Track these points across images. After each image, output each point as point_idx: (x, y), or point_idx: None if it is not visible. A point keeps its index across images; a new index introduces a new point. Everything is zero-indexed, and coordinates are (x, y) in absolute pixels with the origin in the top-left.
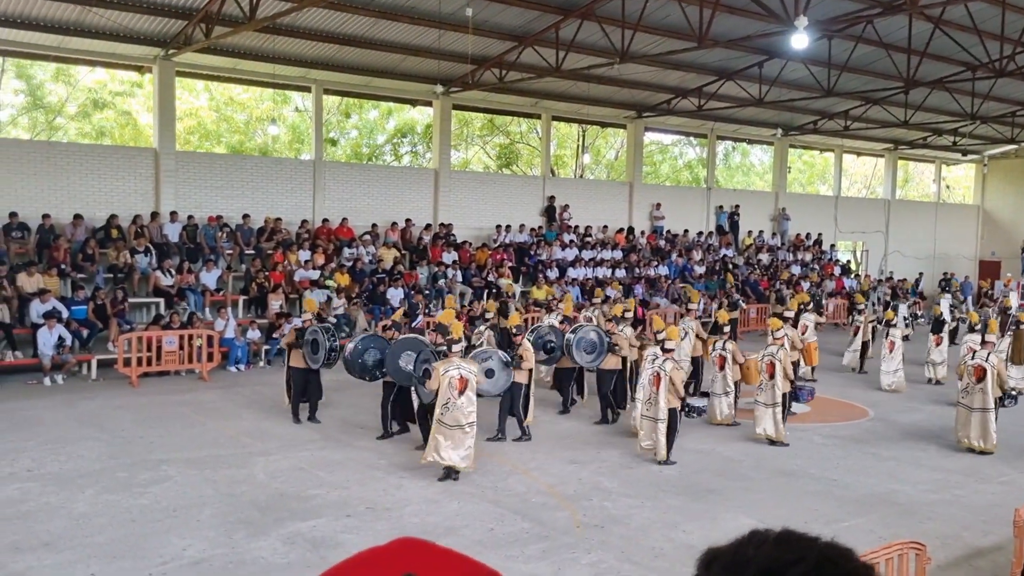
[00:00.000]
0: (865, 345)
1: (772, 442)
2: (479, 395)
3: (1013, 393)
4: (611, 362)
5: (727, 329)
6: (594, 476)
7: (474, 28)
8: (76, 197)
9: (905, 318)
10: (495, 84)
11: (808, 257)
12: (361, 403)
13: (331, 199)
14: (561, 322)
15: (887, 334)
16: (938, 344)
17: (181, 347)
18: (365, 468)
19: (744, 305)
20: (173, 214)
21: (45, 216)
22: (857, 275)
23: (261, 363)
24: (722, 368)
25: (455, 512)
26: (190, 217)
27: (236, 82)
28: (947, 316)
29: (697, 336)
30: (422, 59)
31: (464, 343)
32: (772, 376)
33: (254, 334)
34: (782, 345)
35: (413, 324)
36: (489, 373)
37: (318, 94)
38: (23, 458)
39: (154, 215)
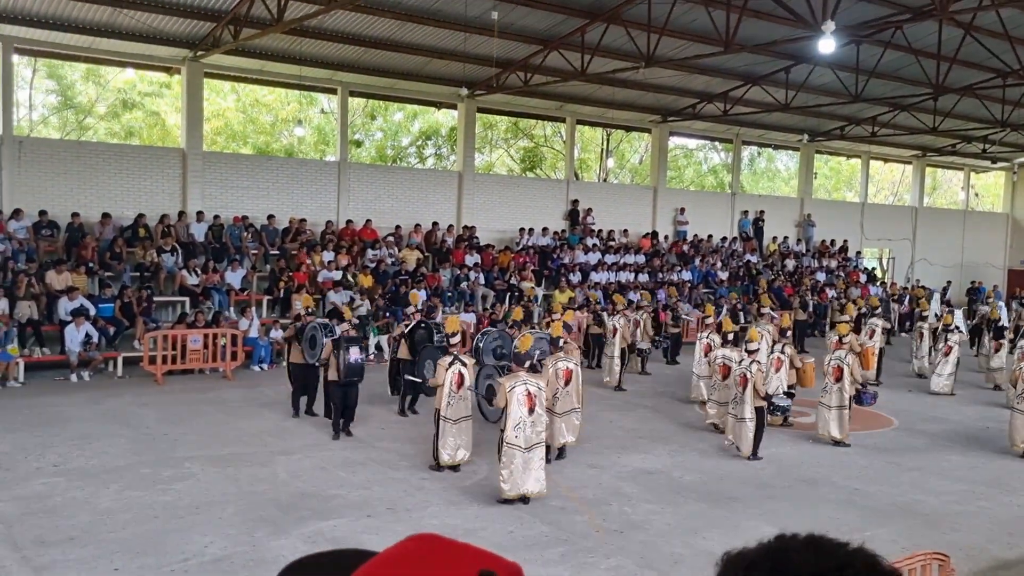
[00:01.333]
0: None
1: (836, 443)
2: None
3: None
4: None
5: (730, 337)
6: (614, 481)
7: (500, 31)
8: (105, 196)
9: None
10: (520, 87)
11: (833, 264)
12: (382, 405)
13: (355, 200)
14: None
15: (945, 338)
16: (997, 350)
17: (205, 346)
18: (386, 469)
19: (774, 314)
20: (199, 214)
21: (74, 215)
22: (883, 282)
23: (284, 363)
24: (778, 370)
25: (475, 514)
26: (216, 217)
27: (263, 83)
28: (1006, 322)
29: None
30: (447, 62)
31: (534, 355)
32: (839, 380)
33: (277, 334)
34: (850, 350)
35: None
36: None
37: (344, 96)
38: (50, 453)
39: (181, 215)
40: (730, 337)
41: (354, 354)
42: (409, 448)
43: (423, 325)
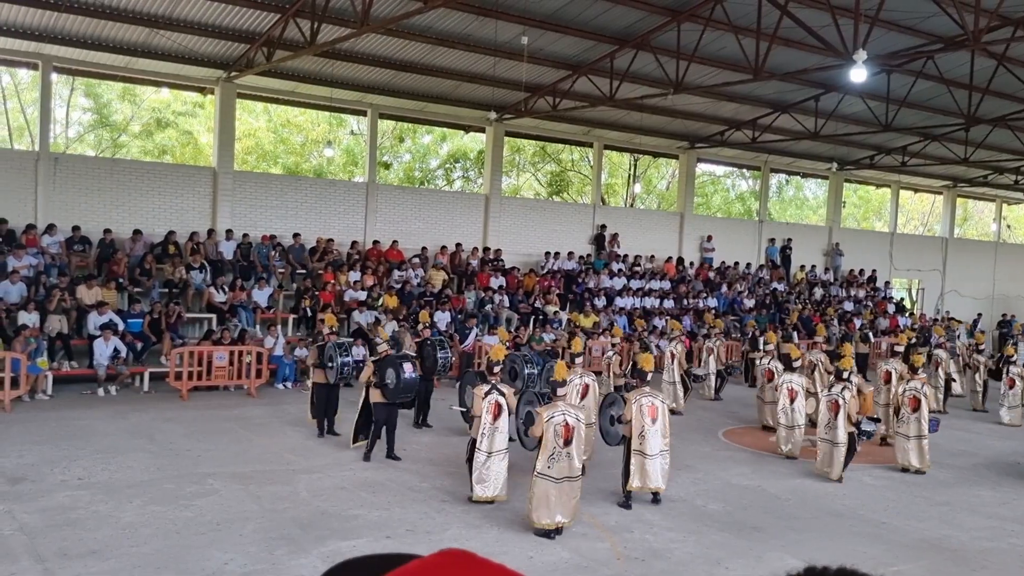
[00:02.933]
0: (949, 383)
1: (917, 471)
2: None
3: None
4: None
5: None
6: (637, 507)
7: (529, 56)
8: (136, 213)
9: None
10: (548, 112)
11: (861, 294)
12: (402, 427)
13: (382, 221)
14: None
15: (1007, 371)
16: None
17: (231, 363)
18: (407, 490)
19: (796, 339)
20: (229, 232)
21: (106, 231)
22: (912, 313)
23: (308, 382)
24: (793, 402)
25: (495, 538)
26: (245, 235)
27: (294, 105)
28: None
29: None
30: (476, 86)
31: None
32: (916, 409)
33: (302, 352)
34: (926, 381)
35: (463, 345)
36: (612, 421)
37: (373, 118)
38: (75, 466)
39: (210, 232)
40: (795, 364)
41: (408, 370)
42: (430, 470)
43: (429, 342)
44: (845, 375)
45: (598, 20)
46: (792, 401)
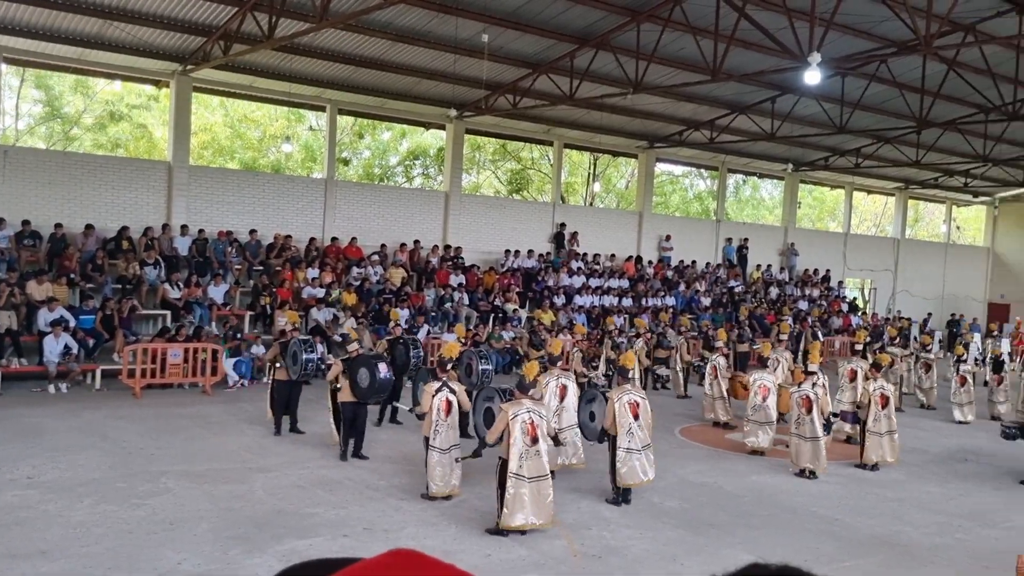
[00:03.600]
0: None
1: (873, 467)
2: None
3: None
4: None
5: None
6: (594, 505)
7: (489, 54)
8: (89, 207)
9: (976, 358)
10: (508, 110)
11: (815, 293)
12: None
13: (341, 218)
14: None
15: (958, 370)
16: (999, 383)
17: (186, 360)
18: (364, 488)
19: (751, 336)
20: (184, 227)
21: (57, 225)
22: (864, 312)
23: (265, 379)
24: (765, 399)
25: (453, 536)
26: (200, 231)
27: (252, 99)
28: (1006, 357)
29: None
30: (437, 83)
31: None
32: (885, 406)
33: (259, 349)
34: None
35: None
36: (592, 416)
37: (332, 114)
38: (23, 465)
39: (165, 228)
40: (768, 361)
41: (383, 371)
42: (388, 468)
43: (401, 341)
44: (813, 370)
45: (558, 19)
46: (764, 399)
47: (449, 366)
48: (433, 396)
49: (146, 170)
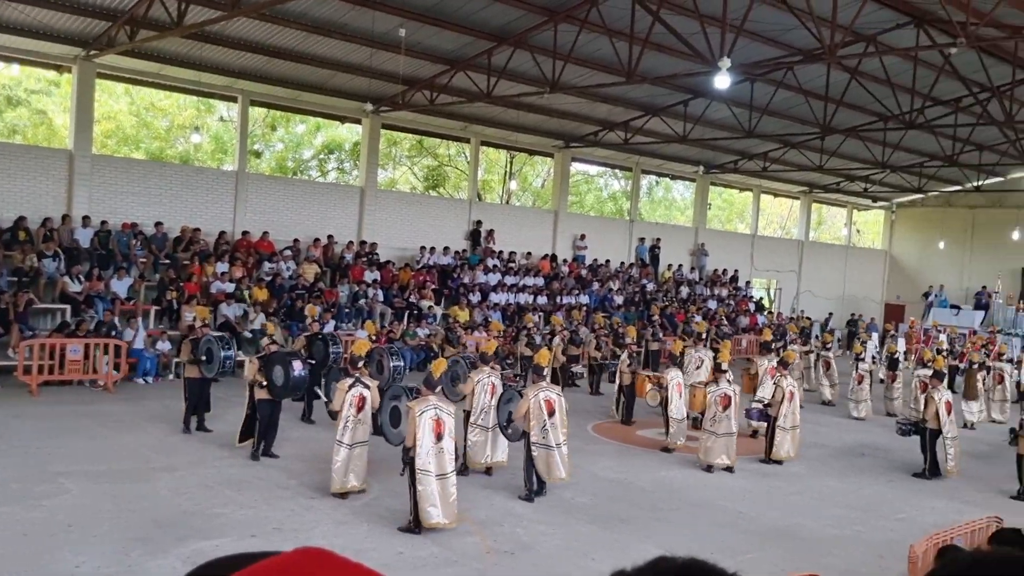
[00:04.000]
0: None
1: (776, 462)
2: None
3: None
4: None
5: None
6: (507, 502)
7: (407, 49)
8: None
9: (874, 356)
10: (425, 106)
11: (724, 293)
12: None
13: (252, 212)
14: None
15: (857, 368)
16: (893, 380)
17: (86, 356)
18: (274, 487)
19: (662, 335)
20: (85, 218)
21: None
22: (770, 312)
23: (170, 376)
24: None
25: (364, 535)
26: (103, 223)
27: (159, 88)
28: (901, 355)
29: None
30: (352, 76)
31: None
32: (791, 401)
33: (164, 345)
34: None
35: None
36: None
37: (244, 105)
38: None
39: (65, 218)
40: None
41: (298, 368)
42: (298, 467)
43: (320, 337)
44: (725, 368)
45: (477, 16)
46: (680, 396)
47: (360, 363)
48: (347, 392)
49: (45, 158)
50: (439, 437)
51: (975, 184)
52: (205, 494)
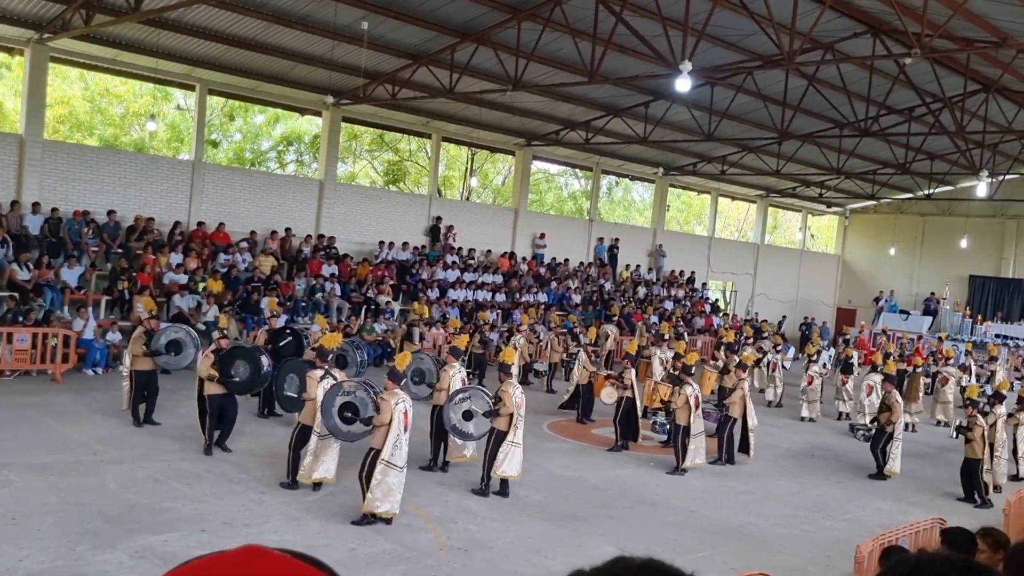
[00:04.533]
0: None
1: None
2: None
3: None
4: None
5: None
6: (461, 498)
7: (369, 42)
8: None
9: (825, 363)
10: (387, 100)
11: (681, 294)
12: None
13: (209, 202)
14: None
15: (807, 369)
16: (845, 383)
17: (34, 346)
18: (225, 481)
19: (619, 335)
20: (35, 205)
21: None
22: (725, 313)
23: (121, 367)
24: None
25: (316, 531)
26: (54, 210)
27: (115, 73)
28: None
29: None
30: (313, 68)
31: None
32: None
33: (115, 336)
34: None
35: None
36: (467, 415)
37: (202, 93)
38: None
39: (14, 204)
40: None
41: (266, 364)
42: (249, 461)
43: (289, 331)
44: (691, 371)
45: (441, 11)
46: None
47: (329, 356)
48: (319, 382)
49: None
50: (406, 429)
51: (926, 192)
52: (154, 488)
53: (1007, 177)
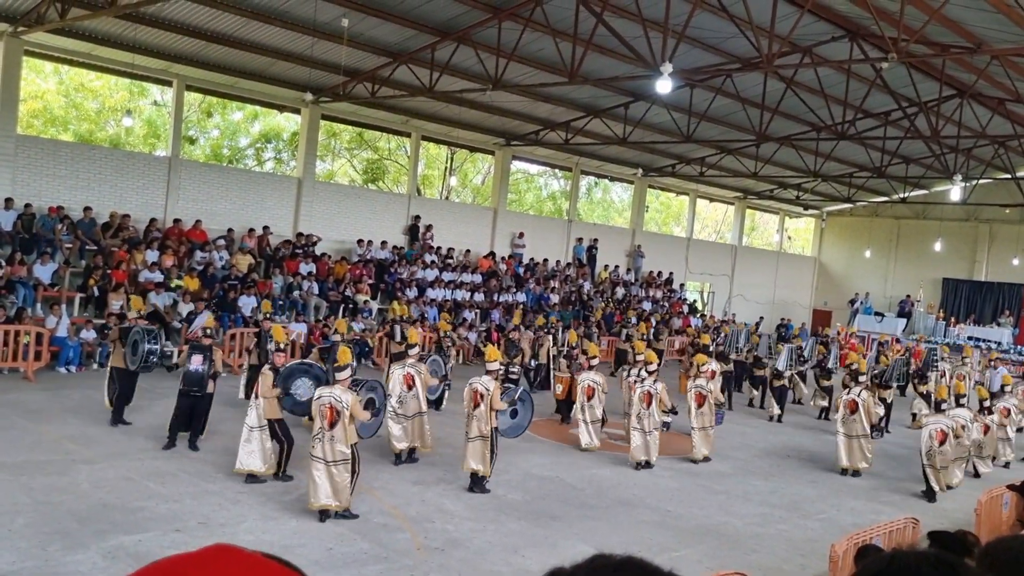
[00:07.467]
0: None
1: (706, 459)
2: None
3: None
4: None
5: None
6: (438, 498)
7: (349, 39)
8: None
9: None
10: (366, 98)
11: (659, 295)
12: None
13: (185, 199)
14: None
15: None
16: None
17: (6, 343)
18: (200, 480)
19: (598, 337)
20: (8, 201)
21: None
22: (703, 314)
23: (95, 365)
24: (591, 397)
25: (293, 530)
26: (27, 205)
27: (91, 68)
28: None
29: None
30: (293, 65)
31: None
32: (702, 405)
33: (89, 334)
34: (712, 378)
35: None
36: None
37: (179, 89)
38: None
39: None
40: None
41: (195, 363)
42: (225, 460)
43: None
44: (652, 367)
45: (421, 9)
46: (589, 398)
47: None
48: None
49: None
50: (332, 425)
51: (901, 196)
52: (127, 487)
53: (980, 181)
